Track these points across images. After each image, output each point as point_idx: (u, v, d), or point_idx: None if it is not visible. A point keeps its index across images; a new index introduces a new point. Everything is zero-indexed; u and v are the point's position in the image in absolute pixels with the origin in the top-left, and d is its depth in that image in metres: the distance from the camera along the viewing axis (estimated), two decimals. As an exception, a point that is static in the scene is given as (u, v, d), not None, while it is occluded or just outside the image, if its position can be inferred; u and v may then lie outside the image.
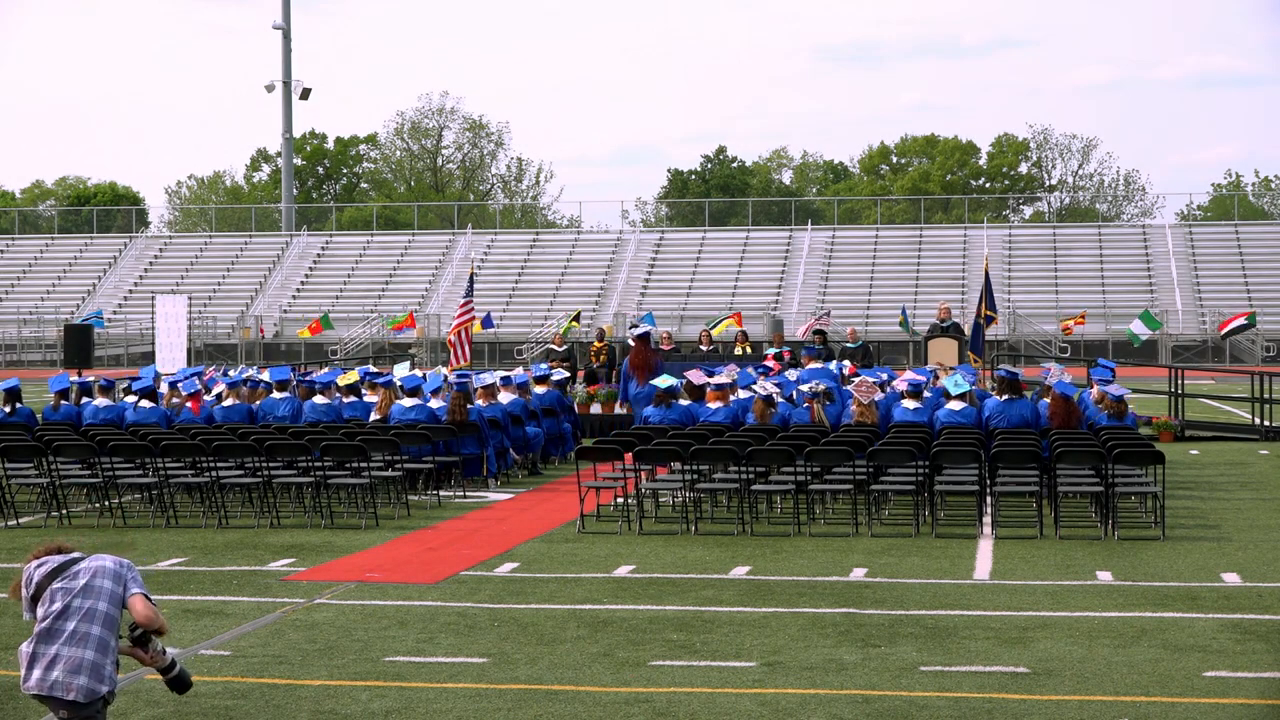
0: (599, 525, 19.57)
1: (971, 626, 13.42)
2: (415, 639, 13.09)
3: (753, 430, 21.37)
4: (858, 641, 12.85)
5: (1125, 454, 18.77)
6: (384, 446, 21.64)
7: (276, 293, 77.16)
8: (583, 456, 20.45)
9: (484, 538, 18.91)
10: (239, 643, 13.01)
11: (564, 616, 14.00)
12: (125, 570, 8.36)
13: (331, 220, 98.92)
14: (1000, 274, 70.67)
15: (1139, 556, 17.00)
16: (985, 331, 31.95)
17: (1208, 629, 13.27)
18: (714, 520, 19.94)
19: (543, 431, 26.26)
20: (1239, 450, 29.06)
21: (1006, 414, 21.55)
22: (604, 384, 33.72)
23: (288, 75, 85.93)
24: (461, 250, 78.48)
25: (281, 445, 20.84)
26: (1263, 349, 63.40)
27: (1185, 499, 21.81)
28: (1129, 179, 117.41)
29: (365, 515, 20.20)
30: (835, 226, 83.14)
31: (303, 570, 16.63)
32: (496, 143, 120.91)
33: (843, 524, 19.42)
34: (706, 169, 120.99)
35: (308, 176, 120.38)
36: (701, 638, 13.04)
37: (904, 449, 19.55)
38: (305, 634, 13.32)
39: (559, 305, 71.18)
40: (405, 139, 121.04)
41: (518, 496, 23.11)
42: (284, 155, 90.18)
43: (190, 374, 27.20)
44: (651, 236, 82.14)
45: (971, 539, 18.35)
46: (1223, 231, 77.25)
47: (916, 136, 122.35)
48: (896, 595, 14.90)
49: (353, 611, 14.30)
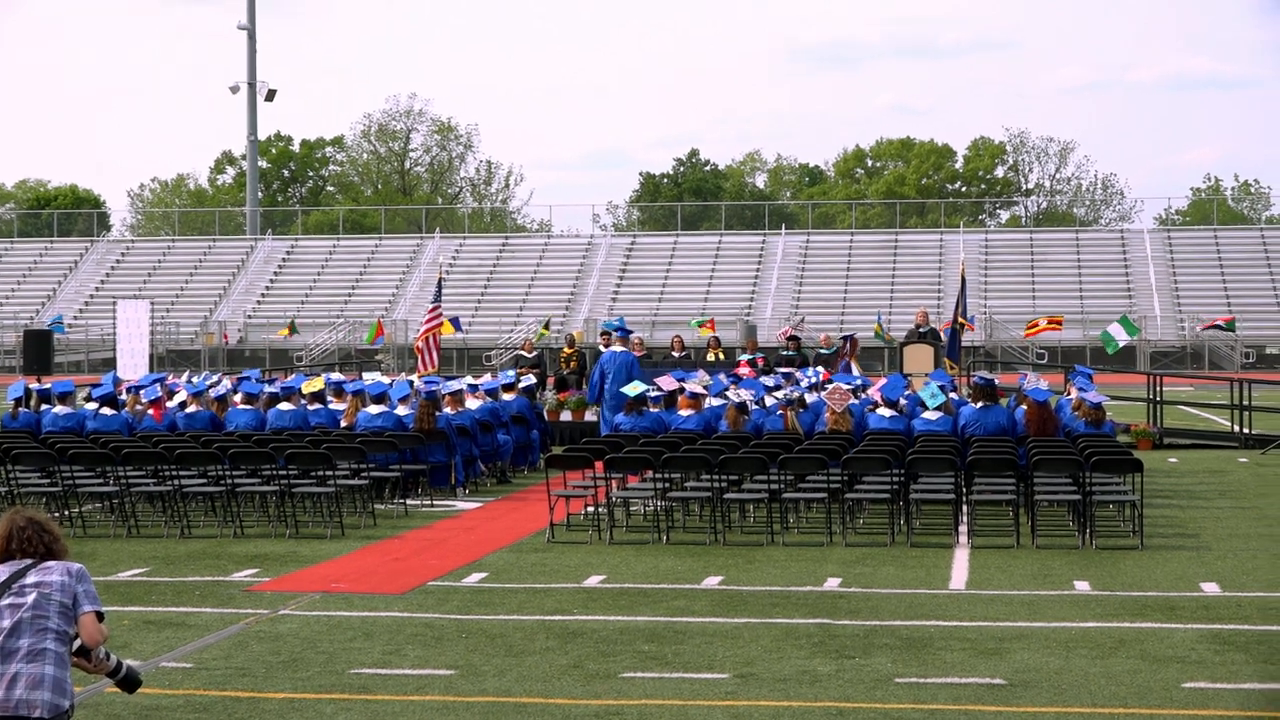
0: (569, 535, 19.55)
1: (947, 637, 13.43)
2: (382, 651, 13.06)
3: (725, 438, 21.37)
4: (832, 653, 12.85)
5: (1103, 462, 18.81)
6: (350, 454, 21.58)
7: (241, 298, 77.00)
8: (552, 465, 20.43)
9: (452, 547, 18.88)
10: (201, 655, 12.97)
11: (533, 627, 13.98)
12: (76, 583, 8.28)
13: (297, 224, 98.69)
14: (976, 279, 70.83)
15: (1117, 566, 17.03)
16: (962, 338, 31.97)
17: (1187, 639, 13.29)
18: (686, 529, 19.93)
19: (512, 439, 26.23)
20: (1218, 458, 29.14)
21: (983, 421, 21.59)
22: (574, 390, 33.70)
23: (253, 76, 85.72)
24: (429, 254, 78.38)
25: (245, 453, 20.80)
26: (1242, 355, 63.63)
27: (1164, 508, 21.86)
28: (1107, 183, 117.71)
29: (331, 525, 20.15)
30: (809, 231, 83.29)
31: (267, 581, 16.58)
32: (465, 145, 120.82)
33: (817, 533, 19.43)
34: (679, 172, 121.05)
35: (273, 179, 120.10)
36: (673, 649, 13.03)
37: (879, 457, 19.56)
38: (269, 646, 13.28)
39: (529, 311, 71.16)
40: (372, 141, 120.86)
41: (486, 505, 23.07)
42: (249, 158, 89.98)
43: (152, 380, 27.11)
44: (623, 241, 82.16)
45: (947, 548, 18.37)
46: (1202, 236, 77.51)
47: (892, 139, 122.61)
48: (871, 606, 14.91)
49: (318, 623, 14.26)
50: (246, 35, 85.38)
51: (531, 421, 27.42)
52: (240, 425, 24.06)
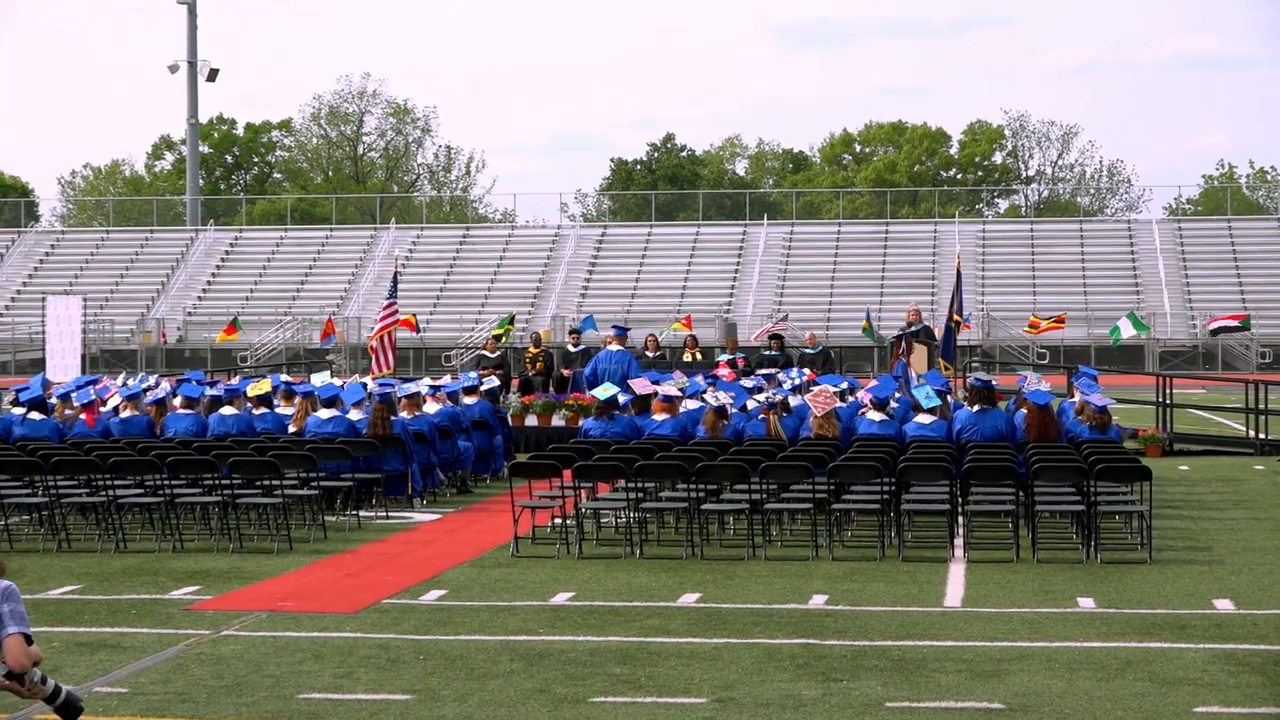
0: (535, 548, 19.54)
1: (942, 658, 13.45)
2: (332, 674, 13.04)
3: (703, 444, 21.37)
4: (818, 675, 12.86)
5: (1109, 469, 18.84)
6: (298, 462, 21.54)
7: (180, 293, 76.82)
8: (517, 473, 20.41)
9: (408, 562, 18.86)
10: (138, 679, 12.93)
11: (496, 649, 13.98)
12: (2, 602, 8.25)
13: (241, 214, 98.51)
14: (973, 273, 70.97)
15: (1124, 581, 17.07)
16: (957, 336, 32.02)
17: (1198, 660, 13.33)
18: (660, 543, 19.93)
19: (473, 446, 26.22)
20: (1232, 465, 29.23)
21: (980, 426, 21.62)
22: (540, 393, 33.68)
23: (193, 55, 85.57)
24: (384, 247, 78.29)
25: (185, 461, 20.74)
26: (1258, 355, 63.79)
27: (1174, 519, 21.92)
28: (1113, 170, 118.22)
29: (278, 538, 20.11)
30: (793, 221, 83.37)
31: (208, 599, 16.55)
32: (423, 129, 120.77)
33: (801, 547, 19.45)
34: (653, 158, 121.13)
35: (215, 166, 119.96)
36: (647, 671, 13.04)
37: (868, 464, 19.58)
38: (211, 669, 13.25)
39: (491, 307, 71.09)
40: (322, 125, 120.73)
41: (445, 517, 23.06)
42: (189, 143, 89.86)
43: (84, 383, 27.02)
44: (593, 232, 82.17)
45: (942, 563, 18.40)
46: (1214, 227, 77.75)
47: (882, 123, 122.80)
48: (860, 624, 14.92)
49: (263, 644, 14.23)
50: (186, 10, 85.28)
51: (494, 426, 27.40)
52: (180, 431, 24.00)
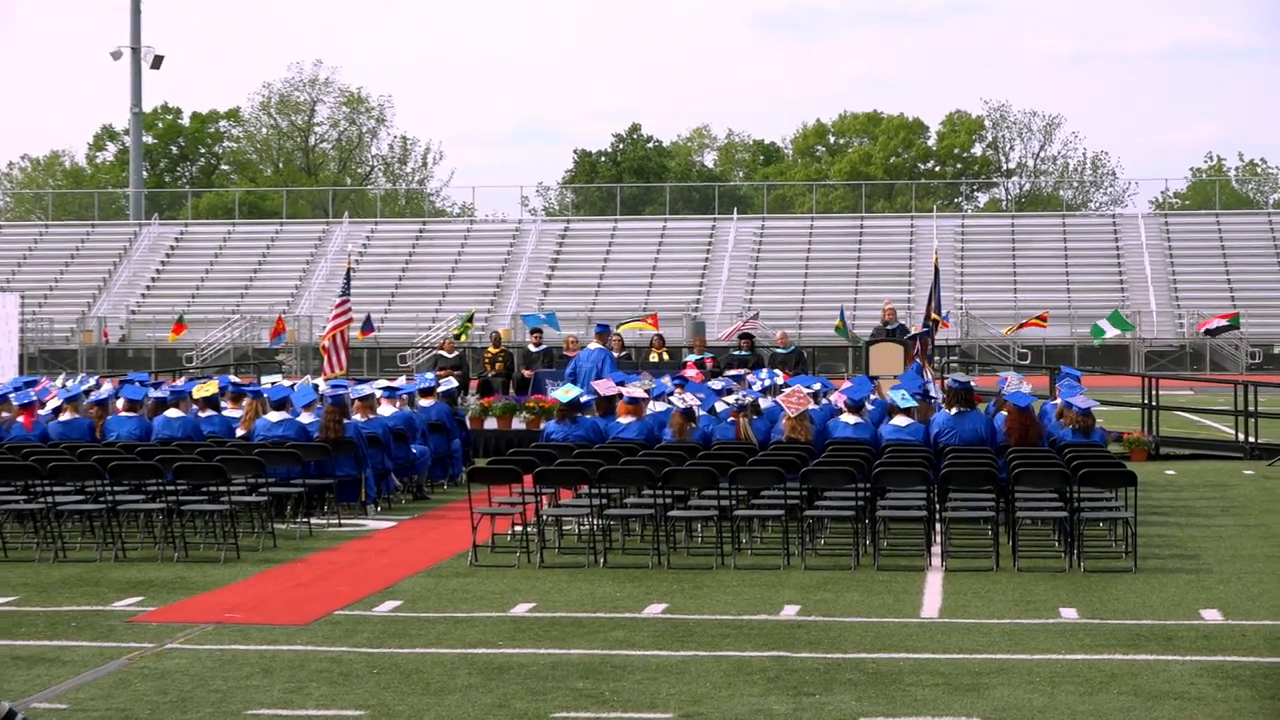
0: (494, 557, 19.53)
1: (918, 671, 13.47)
2: (282, 689, 13.01)
3: (670, 448, 21.38)
4: (789, 689, 12.87)
5: (1092, 474, 18.89)
6: (247, 467, 21.49)
7: (123, 291, 76.63)
8: (475, 478, 20.41)
9: (362, 572, 18.83)
10: (78, 695, 12.89)
11: (453, 662, 13.96)
12: None
13: (187, 207, 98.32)
14: (952, 270, 71.10)
15: (1108, 591, 17.11)
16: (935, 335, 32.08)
17: (1185, 673, 13.36)
18: (625, 551, 19.92)
19: (429, 450, 26.18)
20: (1220, 470, 29.31)
21: (958, 429, 21.66)
22: (500, 395, 33.66)
23: (137, 41, 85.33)
24: (337, 242, 78.20)
25: (128, 466, 20.67)
26: (1247, 355, 63.98)
27: (1160, 525, 21.98)
28: (1097, 162, 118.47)
29: (225, 546, 20.06)
30: (764, 216, 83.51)
31: (152, 610, 16.50)
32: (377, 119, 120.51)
33: (772, 555, 19.45)
34: (618, 150, 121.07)
35: (160, 157, 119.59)
36: (611, 686, 13.03)
37: (842, 469, 19.60)
38: (154, 684, 13.21)
39: (449, 305, 71.07)
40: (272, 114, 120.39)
41: (401, 525, 23.03)
42: (132, 133, 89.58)
43: (22, 384, 26.95)
44: (555, 227, 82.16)
45: (919, 571, 18.43)
46: (1203, 222, 78.03)
47: (857, 114, 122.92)
48: (833, 636, 14.93)
49: (209, 658, 14.20)
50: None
51: (452, 430, 27.38)
52: (122, 435, 23.93)
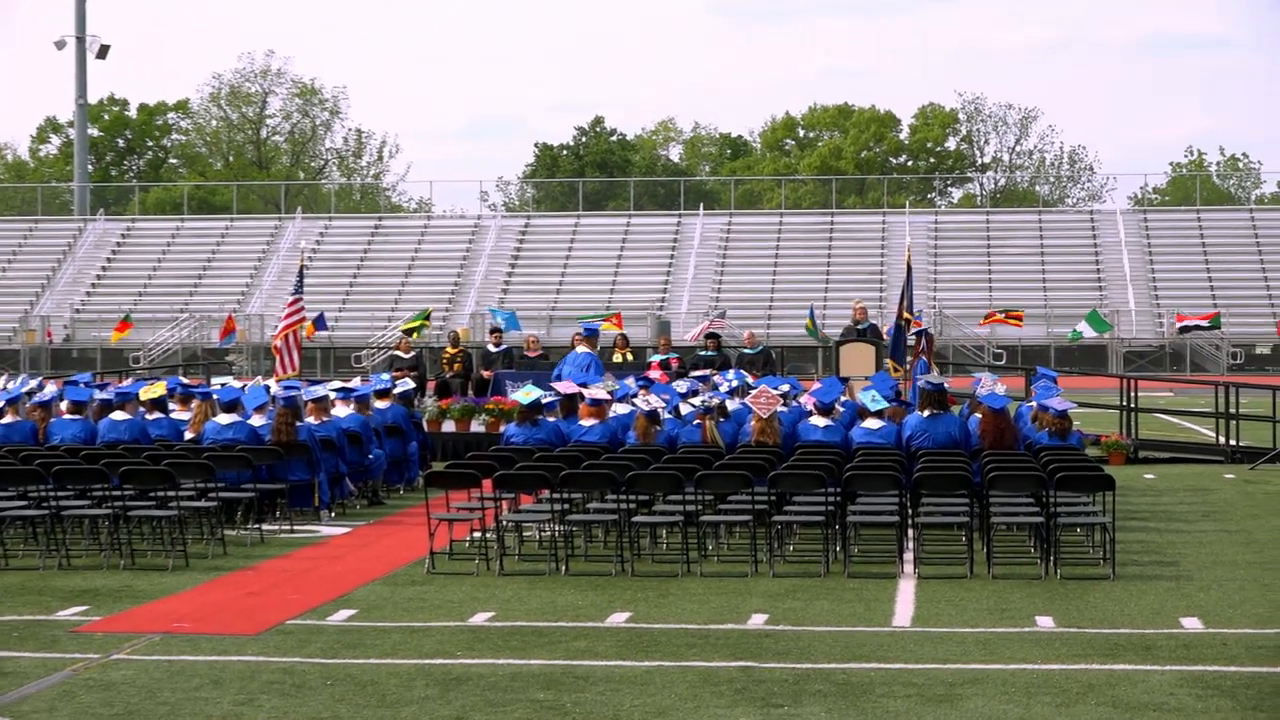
0: (452, 564, 19.52)
1: (890, 682, 13.49)
2: (232, 701, 12.99)
3: (634, 452, 21.37)
4: (757, 701, 12.88)
5: (1069, 479, 18.91)
6: (196, 472, 21.44)
7: (67, 288, 76.39)
8: (433, 483, 20.37)
9: (315, 580, 18.81)
10: (20, 707, 12.86)
11: (410, 673, 13.95)
12: None
13: (134, 203, 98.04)
14: (925, 268, 71.21)
15: (1085, 599, 17.15)
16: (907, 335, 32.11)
17: (1164, 683, 13.40)
18: (588, 558, 19.92)
19: (385, 453, 26.15)
20: (1200, 474, 29.40)
21: (931, 432, 21.69)
22: (458, 397, 33.62)
23: (82, 30, 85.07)
24: (289, 239, 78.02)
25: (73, 470, 20.60)
26: (1228, 356, 64.14)
27: (1139, 531, 22.04)
28: (1074, 157, 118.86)
29: (173, 554, 20.01)
30: (732, 211, 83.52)
31: (97, 620, 16.46)
32: (331, 111, 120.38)
33: (739, 562, 19.46)
34: (580, 143, 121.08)
35: (106, 150, 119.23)
36: (573, 697, 13.03)
37: (811, 473, 19.60)
38: (100, 696, 13.18)
39: (405, 304, 70.93)
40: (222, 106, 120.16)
41: (355, 531, 23.00)
42: (77, 125, 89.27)
43: (-38, 386, 26.86)
44: (515, 222, 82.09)
45: (890, 579, 18.45)
46: (1183, 219, 78.21)
47: (827, 106, 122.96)
48: (802, 646, 14.95)
49: (157, 669, 14.17)
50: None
51: (408, 433, 27.34)
52: (66, 438, 23.87)
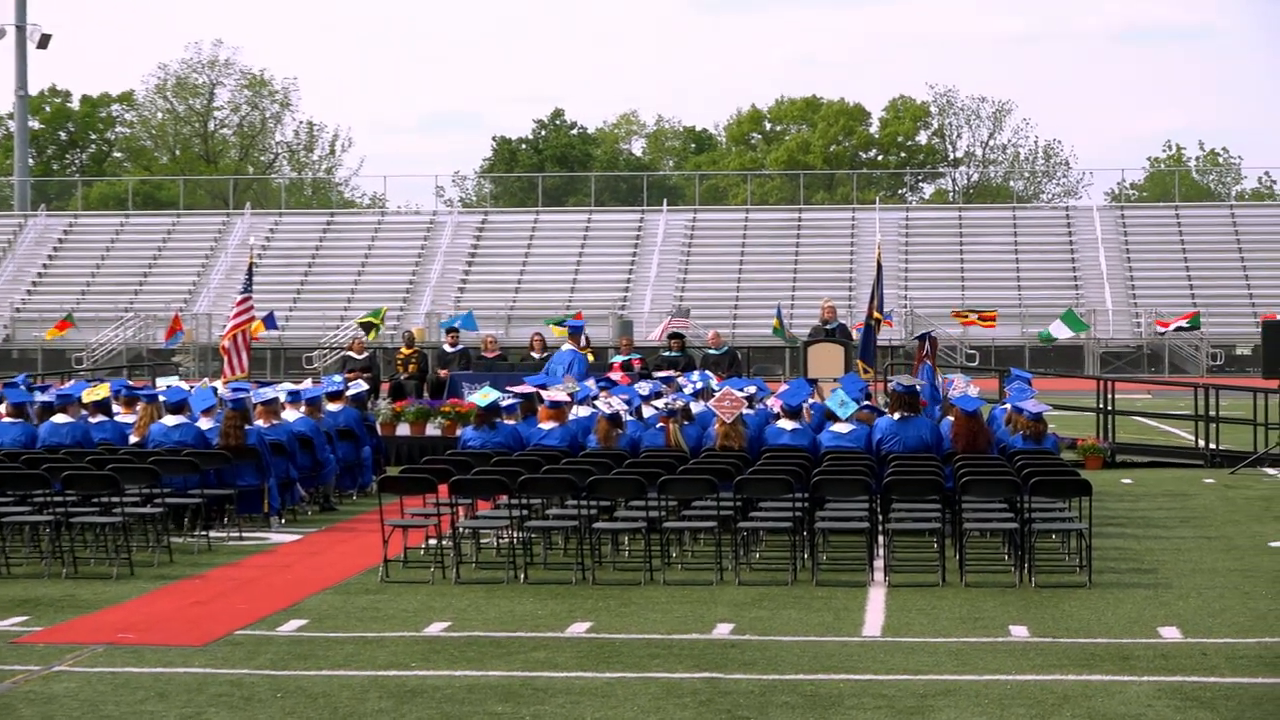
0: (406, 573, 19.48)
1: (860, 694, 13.49)
2: (179, 714, 12.95)
3: (595, 456, 21.35)
4: (721, 713, 12.87)
5: (1044, 483, 18.93)
6: (141, 476, 21.38)
7: (7, 286, 76.11)
8: (387, 488, 20.33)
9: (264, 588, 18.77)
10: (-43, 721, 12.82)
11: (363, 685, 13.92)
12: None
13: (77, 197, 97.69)
14: (896, 265, 71.27)
15: (1060, 607, 17.18)
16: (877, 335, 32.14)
17: (1142, 694, 13.43)
18: (547, 566, 19.90)
19: (337, 458, 26.11)
20: (1179, 479, 29.47)
21: (902, 436, 21.70)
22: (413, 399, 33.56)
23: (22, 18, 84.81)
24: (238, 235, 77.85)
25: (12, 475, 20.54)
26: (1208, 357, 64.28)
27: (1116, 537, 22.09)
28: (1049, 151, 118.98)
29: (117, 561, 19.95)
30: (696, 207, 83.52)
31: (38, 630, 16.41)
32: (281, 104, 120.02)
33: (704, 570, 19.45)
34: (539, 137, 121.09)
35: (47, 143, 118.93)
36: (532, 710, 13.02)
37: (779, 478, 19.60)
38: (41, 709, 13.14)
39: (358, 303, 70.78)
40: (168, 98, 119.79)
41: (306, 538, 22.97)
42: (17, 117, 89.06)
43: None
44: (473, 219, 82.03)
45: (860, 587, 18.45)
46: (1161, 215, 78.39)
47: (795, 99, 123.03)
48: (769, 656, 14.95)
49: (101, 681, 14.12)
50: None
51: (361, 436, 27.30)
52: (5, 442, 23.78)
